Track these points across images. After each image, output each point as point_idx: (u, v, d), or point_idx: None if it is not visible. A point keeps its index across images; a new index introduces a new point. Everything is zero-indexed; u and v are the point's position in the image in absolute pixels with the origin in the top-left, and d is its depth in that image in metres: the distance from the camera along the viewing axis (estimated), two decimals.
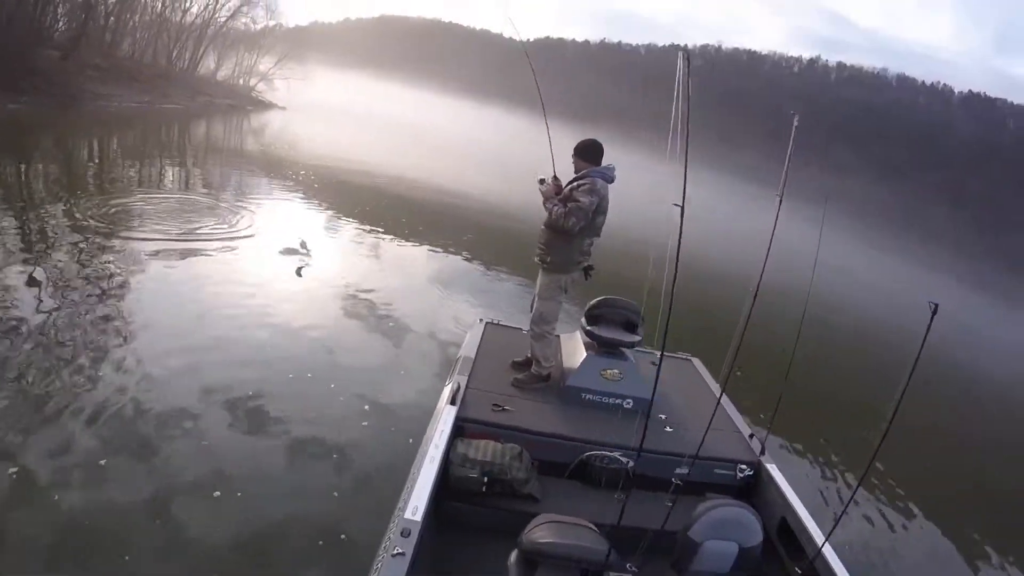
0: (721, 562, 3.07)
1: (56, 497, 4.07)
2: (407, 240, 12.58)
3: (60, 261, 7.80)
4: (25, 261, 7.55)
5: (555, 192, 4.84)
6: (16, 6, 15.83)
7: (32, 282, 6.97)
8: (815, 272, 3.93)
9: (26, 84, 14.64)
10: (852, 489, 6.05)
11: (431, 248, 12.34)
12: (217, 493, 4.43)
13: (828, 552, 3.39)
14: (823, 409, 8.30)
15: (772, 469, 4.22)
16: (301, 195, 14.93)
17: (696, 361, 5.71)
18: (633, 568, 2.71)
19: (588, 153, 4.78)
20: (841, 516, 4.19)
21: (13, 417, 4.72)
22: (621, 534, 2.66)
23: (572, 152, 4.83)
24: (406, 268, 10.95)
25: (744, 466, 4.27)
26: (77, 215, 9.62)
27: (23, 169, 11.95)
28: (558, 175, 4.94)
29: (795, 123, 4.02)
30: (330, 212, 13.90)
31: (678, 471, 3.85)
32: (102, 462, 4.46)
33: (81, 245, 8.47)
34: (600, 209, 4.70)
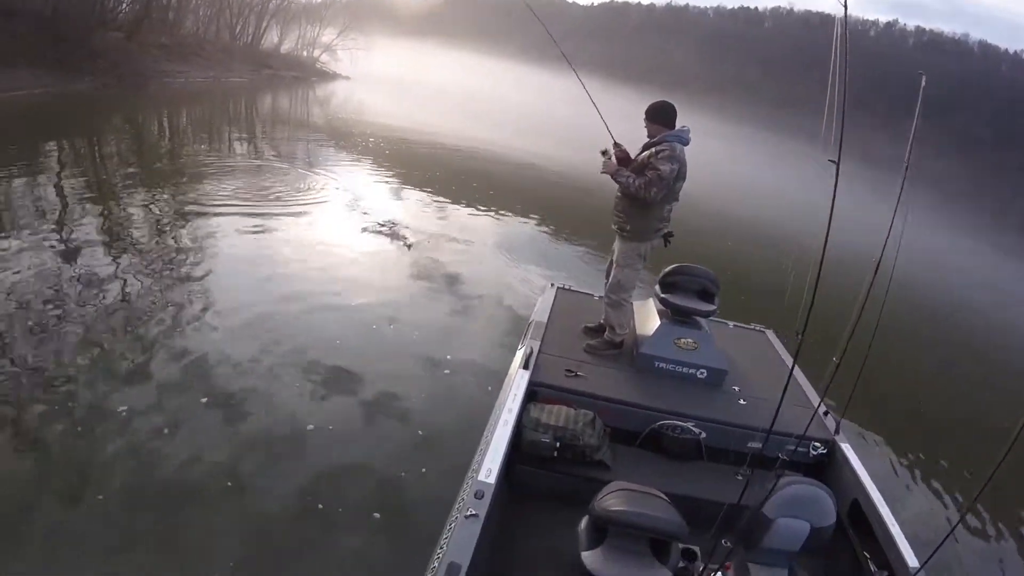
0: (792, 540, 3.06)
1: (142, 447, 4.40)
2: (476, 205, 12.57)
3: (140, 233, 8.22)
4: (107, 234, 7.94)
5: (623, 159, 4.69)
6: None
7: (118, 253, 7.38)
8: (896, 247, 3.55)
9: (90, 65, 15.00)
10: (917, 475, 6.04)
11: (501, 213, 12.37)
12: (290, 447, 4.67)
13: (900, 539, 3.33)
14: (903, 390, 7.95)
15: (846, 448, 4.10)
16: (371, 161, 15.21)
17: (770, 333, 5.58)
18: (712, 541, 2.61)
19: (662, 116, 4.54)
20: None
21: (105, 371, 5.13)
22: (691, 505, 2.59)
23: (644, 116, 4.58)
24: (476, 232, 10.93)
25: (818, 443, 4.18)
26: (153, 188, 10.07)
27: (97, 147, 12.33)
28: (619, 142, 4.80)
29: (922, 83, 3.77)
30: (400, 177, 14.09)
31: (750, 444, 3.95)
32: (184, 414, 4.78)
33: (158, 216, 8.92)
34: (680, 175, 4.50)
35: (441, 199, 12.65)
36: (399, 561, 3.87)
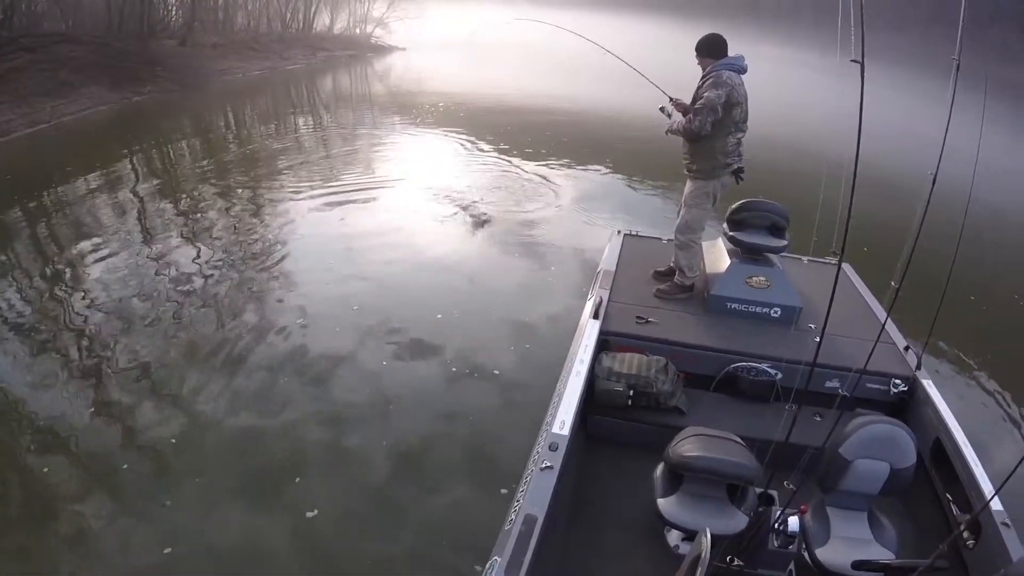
0: (871, 483, 3.06)
1: (231, 419, 4.93)
2: (548, 158, 12.81)
3: (216, 226, 8.87)
4: (190, 227, 8.73)
5: (684, 111, 4.74)
6: (124, 3, 16.99)
7: (203, 243, 8.16)
8: (974, 165, 3.46)
9: (147, 74, 15.75)
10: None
11: (573, 164, 12.53)
12: (372, 411, 5.07)
13: (983, 480, 3.27)
14: (988, 323, 7.58)
15: (928, 385, 4.01)
16: (438, 126, 15.78)
17: (847, 267, 5.40)
18: (788, 485, 2.63)
19: (708, 49, 4.58)
20: None
21: (190, 350, 5.76)
22: (767, 449, 2.61)
23: (695, 51, 4.64)
24: (544, 186, 11.16)
25: (898, 381, 4.12)
26: (225, 181, 10.80)
27: (167, 149, 13.10)
28: (674, 97, 4.88)
29: None
30: (469, 139, 14.61)
31: (828, 384, 3.95)
32: (274, 386, 5.31)
33: (235, 205, 9.64)
34: (733, 101, 4.47)
35: (512, 156, 12.99)
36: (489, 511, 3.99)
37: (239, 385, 5.31)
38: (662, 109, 4.88)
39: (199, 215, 9.23)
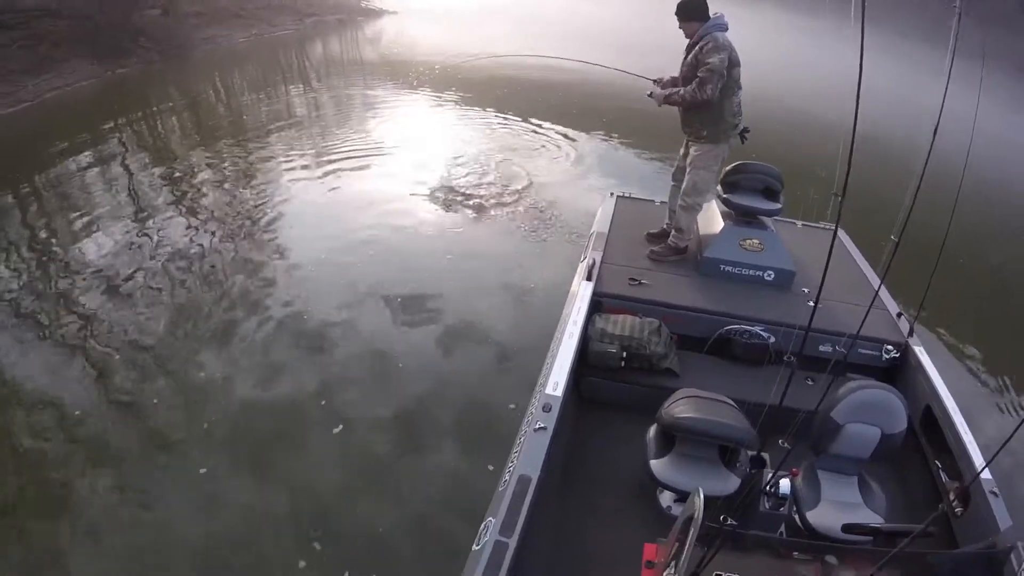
0: (862, 447, 3.13)
1: (236, 383, 5.21)
2: (536, 123, 13.01)
3: (208, 195, 9.10)
4: (177, 196, 8.92)
5: (670, 84, 4.80)
6: None
7: (192, 214, 8.38)
8: (971, 131, 3.60)
9: (130, 45, 15.59)
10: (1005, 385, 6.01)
11: (565, 127, 12.75)
12: (373, 375, 5.35)
13: (972, 448, 3.36)
14: (982, 290, 7.90)
15: (920, 352, 4.13)
16: (431, 91, 16.05)
17: (841, 232, 5.50)
18: (783, 444, 2.81)
19: (694, 12, 4.54)
20: None
21: (192, 320, 6.03)
22: (759, 412, 2.66)
23: (677, 17, 4.61)
24: (538, 152, 11.35)
25: (890, 347, 4.22)
26: (215, 150, 10.97)
27: (154, 121, 13.10)
28: (655, 78, 4.93)
29: None
30: (462, 103, 14.87)
31: (821, 349, 4.07)
32: (274, 351, 5.61)
33: (227, 177, 9.81)
34: (733, 61, 4.52)
35: (508, 118, 13.24)
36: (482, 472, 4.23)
37: (236, 351, 5.60)
38: (650, 95, 4.87)
39: (190, 185, 9.37)
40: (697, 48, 4.51)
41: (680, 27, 4.61)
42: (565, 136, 12.33)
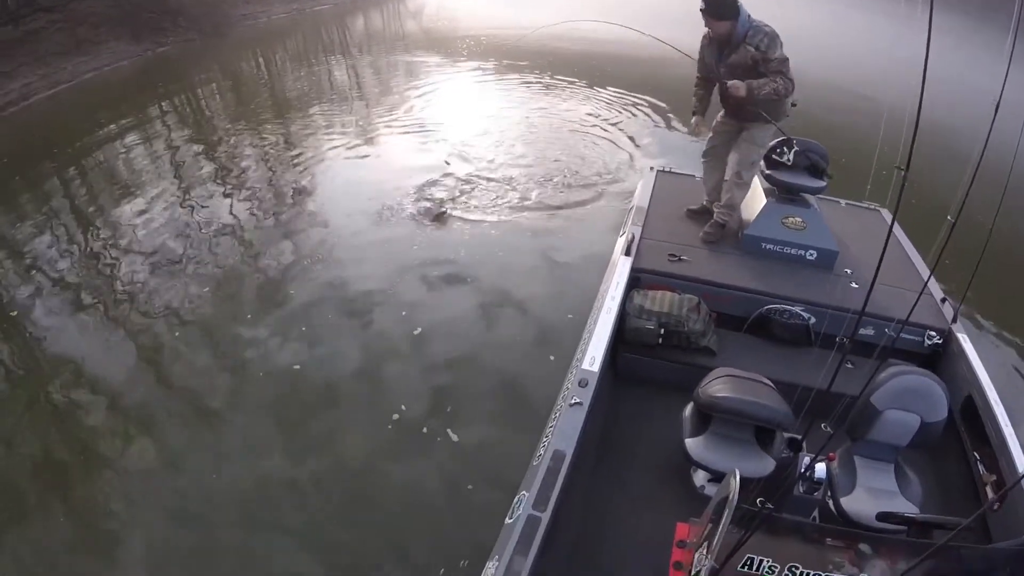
0: (900, 434, 3.15)
1: (277, 353, 5.51)
2: (577, 95, 13.19)
3: (251, 171, 9.37)
4: (221, 173, 9.21)
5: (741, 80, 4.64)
6: None
7: (235, 189, 8.69)
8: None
9: (168, 24, 15.93)
10: None
11: (611, 101, 12.83)
12: (411, 347, 5.62)
13: (1012, 441, 3.33)
14: None
15: (963, 340, 4.08)
16: (474, 66, 16.08)
17: (885, 212, 5.49)
18: (825, 428, 2.53)
19: (728, 8, 4.40)
20: None
21: (234, 290, 6.39)
22: (797, 393, 2.70)
23: (706, 16, 4.46)
24: (575, 125, 11.41)
25: (933, 333, 4.20)
26: (258, 126, 11.24)
27: (195, 100, 13.48)
28: (727, 81, 4.63)
29: None
30: (502, 76, 14.92)
31: (862, 332, 4.06)
32: (316, 322, 5.90)
33: (266, 154, 10.05)
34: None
35: (550, 93, 13.39)
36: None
37: (277, 318, 5.94)
38: (730, 86, 4.63)
39: (234, 161, 9.68)
40: (750, 46, 4.42)
41: (708, 25, 4.52)
42: (610, 106, 12.48)
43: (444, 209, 7.73)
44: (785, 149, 4.84)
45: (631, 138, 10.65)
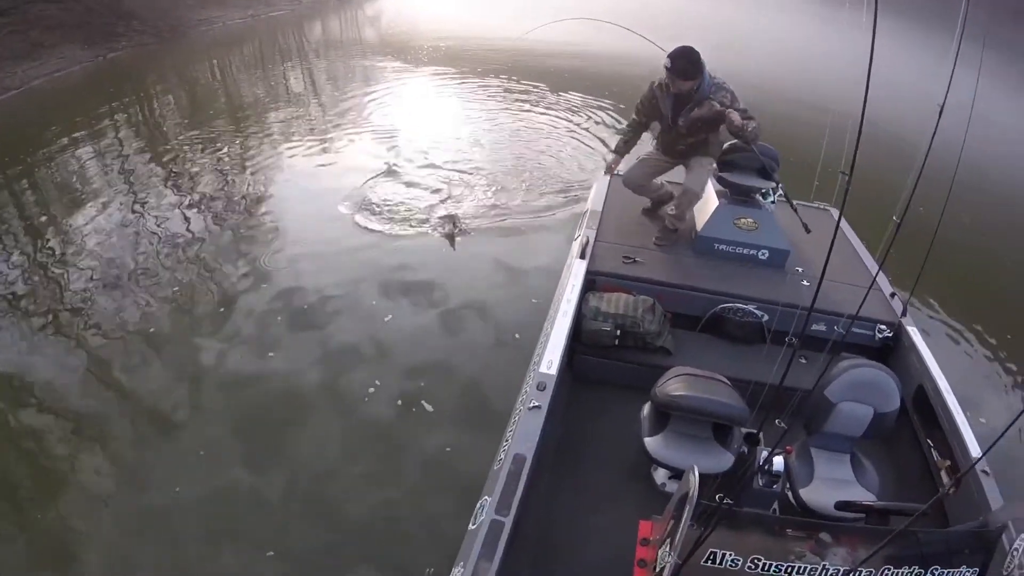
0: (854, 426, 3.27)
1: (230, 363, 5.47)
2: (528, 102, 13.32)
3: (205, 179, 9.25)
4: (174, 184, 9.01)
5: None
6: None
7: (187, 195, 8.61)
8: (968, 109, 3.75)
9: (123, 28, 15.67)
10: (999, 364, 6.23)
11: (569, 106, 13.01)
12: (370, 352, 5.64)
13: (964, 428, 3.48)
14: (977, 272, 8.16)
15: (913, 332, 4.26)
16: (431, 72, 16.05)
17: (835, 211, 5.67)
18: (779, 423, 2.59)
19: (698, 67, 4.66)
20: None
21: (187, 300, 6.30)
22: (753, 390, 2.77)
23: (673, 74, 4.68)
24: (528, 131, 11.55)
25: (883, 327, 4.36)
26: (212, 133, 11.08)
27: (147, 106, 13.21)
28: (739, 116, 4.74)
29: None
30: (459, 83, 14.91)
31: (815, 327, 4.22)
32: (273, 330, 5.88)
33: (222, 160, 9.98)
34: None
35: (510, 99, 13.43)
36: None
37: (234, 328, 5.89)
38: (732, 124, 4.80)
39: (187, 169, 9.53)
40: (714, 101, 4.68)
41: (673, 84, 4.74)
42: (567, 110, 12.71)
43: (458, 227, 7.64)
44: (735, 152, 5.01)
45: (589, 145, 10.83)
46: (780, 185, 5.00)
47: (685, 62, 4.61)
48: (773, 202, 5.11)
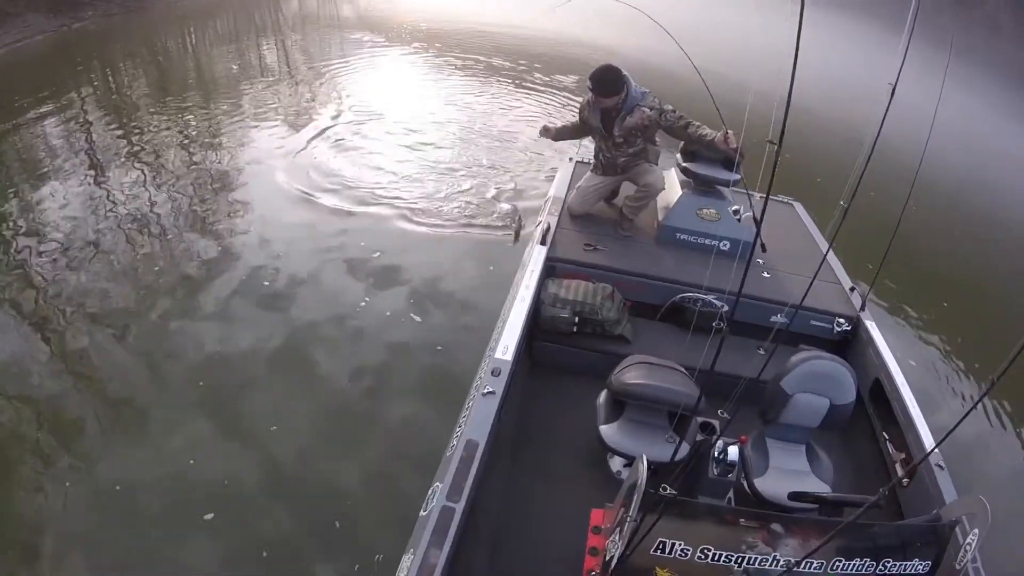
0: (810, 416, 3.29)
1: (198, 340, 5.42)
2: (514, 84, 13.43)
3: (172, 156, 9.09)
4: (142, 161, 8.80)
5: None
6: None
7: (153, 173, 8.44)
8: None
9: None
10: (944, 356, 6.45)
11: (539, 89, 13.22)
12: (334, 336, 5.63)
13: (919, 420, 3.55)
14: (932, 271, 8.35)
15: (871, 326, 4.33)
16: (409, 53, 16.09)
17: (798, 206, 5.80)
18: (723, 414, 2.78)
19: (622, 82, 4.74)
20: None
21: (153, 280, 6.19)
22: (710, 379, 2.75)
23: (596, 92, 4.77)
24: (496, 116, 11.61)
25: (842, 320, 4.41)
26: (180, 109, 10.85)
27: (113, 78, 13.07)
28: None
29: None
30: (435, 65, 14.97)
31: (774, 319, 4.25)
32: (236, 310, 5.84)
33: (191, 139, 9.77)
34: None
35: (484, 84, 13.46)
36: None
37: (201, 308, 5.85)
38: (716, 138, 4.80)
39: (153, 145, 9.34)
40: (644, 107, 4.75)
41: (598, 102, 4.81)
42: (537, 95, 12.82)
43: (523, 225, 7.37)
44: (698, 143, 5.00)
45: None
46: (742, 176, 5.04)
47: (604, 81, 4.70)
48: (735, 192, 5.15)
